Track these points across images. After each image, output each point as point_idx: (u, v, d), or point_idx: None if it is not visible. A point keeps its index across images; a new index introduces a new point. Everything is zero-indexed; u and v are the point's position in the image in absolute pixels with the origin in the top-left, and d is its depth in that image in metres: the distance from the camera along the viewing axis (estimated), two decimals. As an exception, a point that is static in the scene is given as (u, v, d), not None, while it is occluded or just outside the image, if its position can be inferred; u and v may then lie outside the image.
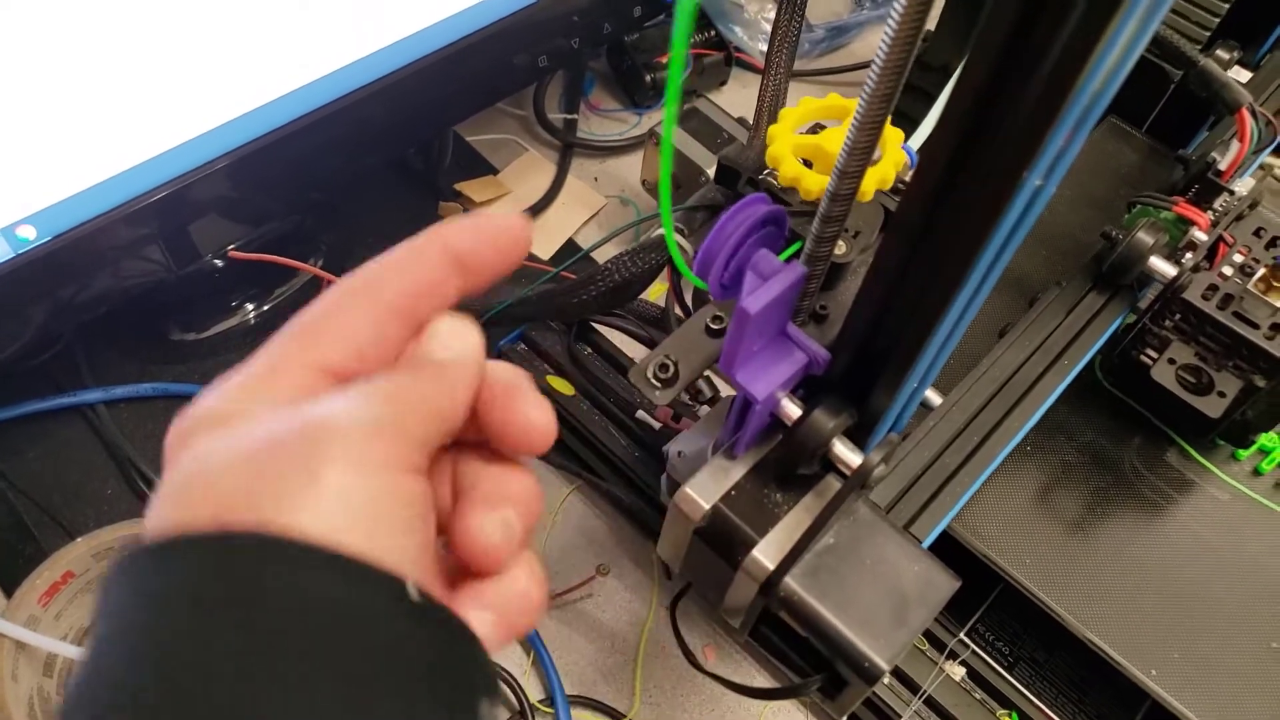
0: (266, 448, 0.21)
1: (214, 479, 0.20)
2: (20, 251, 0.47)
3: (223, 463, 0.21)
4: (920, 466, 0.40)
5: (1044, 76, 0.23)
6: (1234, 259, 0.48)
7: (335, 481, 0.20)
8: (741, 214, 0.32)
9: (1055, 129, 0.24)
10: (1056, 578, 0.48)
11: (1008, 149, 0.25)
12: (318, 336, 0.23)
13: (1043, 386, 0.43)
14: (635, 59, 0.77)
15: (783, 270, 0.32)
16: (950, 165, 0.27)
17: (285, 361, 0.23)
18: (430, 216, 0.70)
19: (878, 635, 0.34)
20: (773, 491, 0.37)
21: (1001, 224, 0.28)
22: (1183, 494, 0.52)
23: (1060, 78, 0.23)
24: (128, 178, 0.49)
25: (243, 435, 0.21)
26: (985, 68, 0.24)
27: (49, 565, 0.47)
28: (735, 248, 0.32)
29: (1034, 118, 0.24)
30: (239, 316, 0.64)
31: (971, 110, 0.25)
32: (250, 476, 0.20)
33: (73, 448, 0.58)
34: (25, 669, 0.46)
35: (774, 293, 0.32)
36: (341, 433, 0.21)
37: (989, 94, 0.25)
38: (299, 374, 0.22)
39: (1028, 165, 0.25)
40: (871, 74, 0.28)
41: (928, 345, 0.32)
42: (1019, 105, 0.24)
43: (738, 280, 0.33)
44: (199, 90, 0.49)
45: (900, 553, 0.36)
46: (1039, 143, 0.24)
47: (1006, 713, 0.50)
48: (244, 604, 0.19)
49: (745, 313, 0.31)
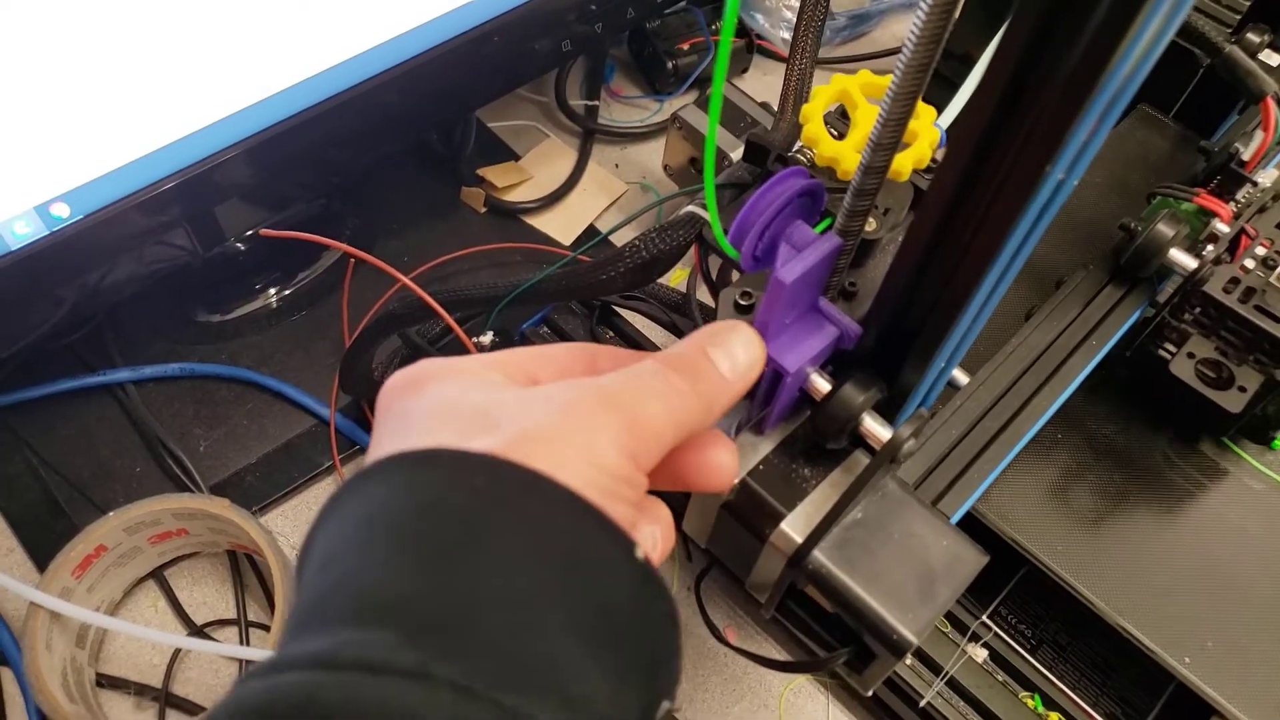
0: (548, 398, 0.24)
1: (490, 413, 0.23)
2: (54, 229, 0.48)
3: (491, 402, 0.24)
4: (948, 445, 0.40)
5: (1069, 72, 0.23)
6: (1257, 252, 0.48)
7: (603, 446, 0.23)
8: (781, 185, 0.32)
9: (1078, 125, 0.25)
10: (1086, 564, 0.48)
11: (1031, 144, 0.25)
12: (535, 356, 0.27)
13: (1069, 368, 0.43)
14: (657, 45, 0.78)
15: (818, 241, 0.33)
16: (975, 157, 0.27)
17: (505, 357, 0.27)
18: (452, 201, 0.71)
19: (906, 608, 0.34)
20: (801, 466, 0.37)
21: (1024, 216, 0.28)
22: (1215, 483, 0.51)
23: (1085, 73, 0.23)
24: (156, 158, 0.49)
25: (512, 388, 0.25)
26: (1011, 62, 0.24)
27: (82, 539, 0.48)
28: (772, 218, 0.32)
29: (1057, 114, 0.24)
30: (262, 300, 0.64)
31: (997, 105, 0.26)
32: (526, 418, 0.23)
33: (102, 426, 0.59)
34: (59, 639, 0.47)
35: (809, 262, 0.32)
36: (620, 408, 0.24)
37: (1014, 89, 0.25)
38: (511, 369, 0.26)
39: (1050, 160, 0.25)
40: (908, 43, 0.28)
41: (956, 325, 0.32)
42: (1043, 101, 0.24)
43: (771, 252, 0.34)
44: (225, 74, 0.49)
45: (928, 528, 0.36)
46: (1061, 138, 0.25)
47: (1029, 695, 0.50)
48: (507, 522, 0.21)
49: (780, 283, 0.32)
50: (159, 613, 0.54)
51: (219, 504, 0.49)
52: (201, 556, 0.55)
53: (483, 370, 0.26)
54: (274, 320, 0.64)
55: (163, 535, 0.51)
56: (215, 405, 0.60)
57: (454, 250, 0.67)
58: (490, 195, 0.71)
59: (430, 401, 0.24)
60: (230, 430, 0.59)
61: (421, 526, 0.21)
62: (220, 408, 0.60)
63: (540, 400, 0.24)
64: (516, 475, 0.22)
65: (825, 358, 0.36)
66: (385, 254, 0.66)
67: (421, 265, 0.65)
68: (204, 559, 0.55)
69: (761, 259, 0.34)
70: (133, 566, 0.52)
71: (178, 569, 0.55)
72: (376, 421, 0.26)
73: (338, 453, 0.58)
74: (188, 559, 0.55)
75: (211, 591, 0.54)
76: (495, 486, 0.21)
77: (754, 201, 0.32)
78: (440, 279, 0.66)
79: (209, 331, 0.63)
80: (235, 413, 0.60)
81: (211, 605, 0.54)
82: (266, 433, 0.59)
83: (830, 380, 0.35)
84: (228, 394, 0.60)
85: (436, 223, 0.69)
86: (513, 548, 0.21)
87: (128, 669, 0.51)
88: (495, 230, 0.69)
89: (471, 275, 0.67)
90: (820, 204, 0.34)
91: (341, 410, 0.59)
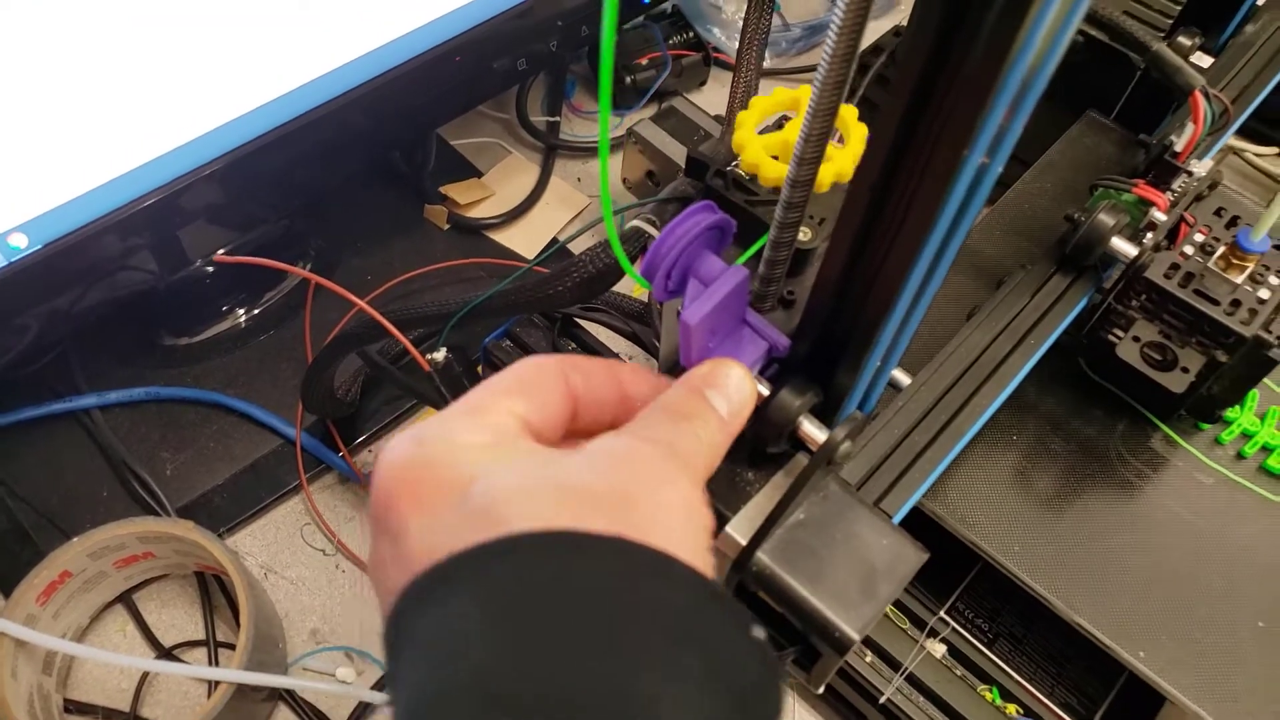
0: (627, 463, 0.24)
1: (580, 487, 0.23)
2: (12, 260, 0.48)
3: (546, 480, 0.23)
4: (890, 445, 0.41)
5: (977, 56, 0.24)
6: (1195, 238, 0.49)
7: (696, 507, 0.24)
8: (685, 224, 0.33)
9: (991, 107, 0.26)
10: (1042, 560, 0.49)
11: (948, 129, 0.26)
12: (519, 394, 0.26)
13: (1009, 365, 0.45)
14: (615, 61, 0.79)
15: (724, 275, 0.33)
16: (894, 148, 0.28)
17: (490, 405, 0.26)
18: (415, 218, 0.71)
19: (848, 606, 0.35)
20: (745, 471, 0.38)
21: (948, 202, 0.29)
22: (1167, 479, 0.53)
23: (991, 56, 0.24)
24: (116, 185, 0.50)
25: (547, 459, 0.24)
26: (922, 51, 0.26)
27: (46, 565, 0.48)
28: (676, 258, 0.33)
29: (970, 97, 0.25)
30: (229, 321, 0.65)
31: (911, 93, 0.27)
32: (622, 489, 0.23)
33: (69, 452, 0.59)
34: (24, 666, 0.47)
35: (713, 302, 0.33)
36: (687, 465, 0.25)
37: (926, 77, 0.26)
38: (501, 416, 0.25)
39: (967, 144, 0.26)
40: (822, 61, 0.30)
41: (885, 325, 0.33)
42: (955, 86, 0.25)
43: (682, 284, 0.34)
44: (185, 99, 0.50)
45: (869, 528, 0.37)
46: (975, 121, 0.26)
47: (987, 688, 0.51)
48: (647, 611, 0.20)
49: (686, 325, 0.33)
50: (127, 637, 0.54)
51: (183, 526, 0.50)
52: (170, 579, 0.56)
53: (512, 440, 0.25)
54: (240, 342, 0.64)
55: (129, 559, 0.52)
56: (182, 428, 0.60)
57: (418, 267, 0.67)
58: (453, 212, 0.71)
59: (494, 484, 0.23)
60: (197, 452, 0.60)
61: (556, 616, 0.20)
62: (187, 430, 0.60)
63: (621, 466, 0.24)
64: (646, 558, 0.21)
65: (759, 367, 0.37)
66: (349, 272, 0.67)
67: (385, 283, 0.66)
68: (173, 581, 0.56)
69: (675, 290, 0.35)
70: (99, 591, 0.53)
71: (146, 592, 0.55)
72: (398, 512, 0.23)
73: (304, 471, 0.59)
74: (157, 581, 0.56)
75: (180, 613, 0.55)
76: (629, 571, 0.21)
77: (658, 243, 0.33)
78: (403, 296, 0.66)
79: (175, 355, 0.63)
80: (202, 435, 0.60)
81: (181, 627, 0.55)
82: (233, 454, 0.60)
83: (769, 386, 0.36)
84: (194, 416, 0.61)
85: (400, 240, 0.70)
86: (655, 639, 0.20)
87: (95, 694, 0.52)
88: (459, 246, 0.70)
89: (435, 292, 0.68)
90: (729, 234, 0.35)
91: (307, 430, 0.60)
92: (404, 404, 0.62)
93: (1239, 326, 0.46)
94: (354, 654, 0.54)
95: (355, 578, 0.57)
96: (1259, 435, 0.54)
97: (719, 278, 0.33)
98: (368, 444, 0.61)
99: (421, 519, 0.23)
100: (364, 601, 0.56)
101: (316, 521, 0.58)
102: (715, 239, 0.35)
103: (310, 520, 0.59)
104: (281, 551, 0.57)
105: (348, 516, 0.59)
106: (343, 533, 0.58)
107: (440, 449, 0.24)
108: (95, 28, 0.45)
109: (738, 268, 0.33)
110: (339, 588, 0.56)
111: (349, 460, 0.59)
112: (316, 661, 0.54)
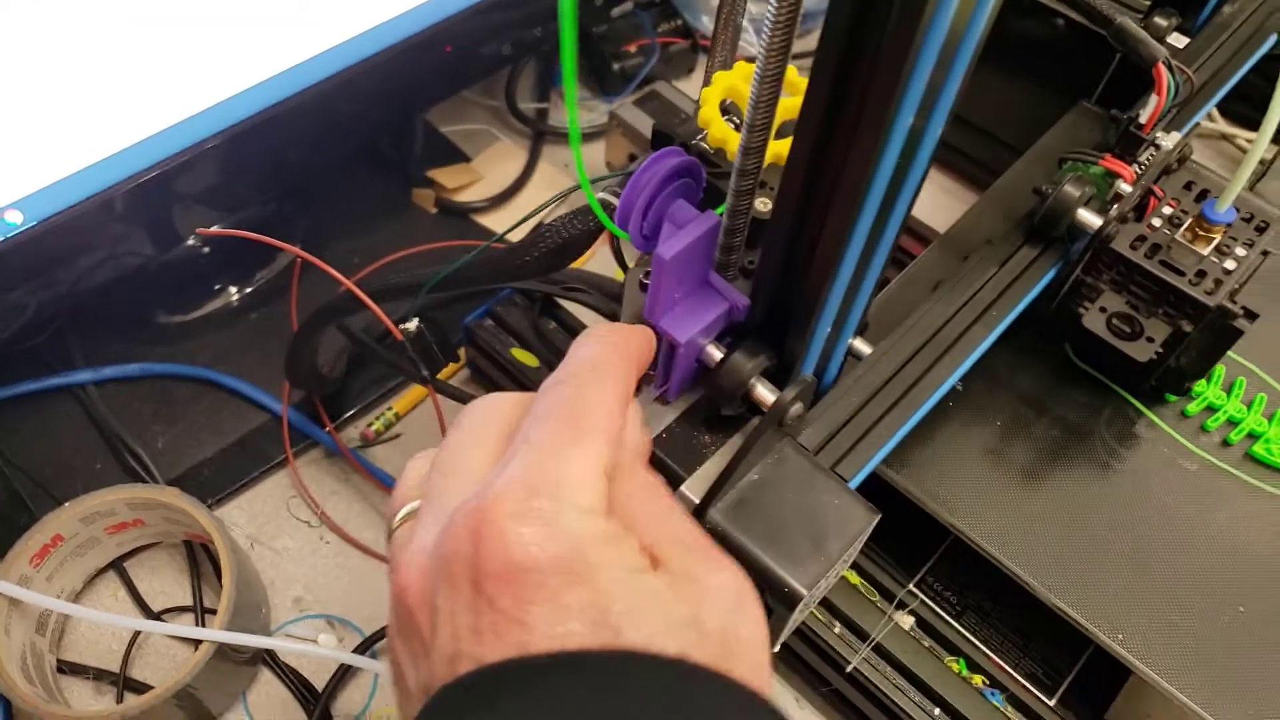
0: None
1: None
2: (8, 235, 0.50)
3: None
4: (849, 413, 0.42)
5: (894, 12, 0.25)
6: (1164, 211, 0.50)
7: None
8: (654, 166, 0.34)
9: (915, 65, 0.27)
10: (1015, 539, 0.49)
11: (873, 87, 0.27)
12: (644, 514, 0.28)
13: (971, 336, 0.45)
14: (604, 48, 0.80)
15: (697, 218, 0.35)
16: (827, 110, 0.29)
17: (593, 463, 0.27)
18: (403, 202, 0.73)
19: (797, 563, 0.36)
20: (702, 434, 0.39)
21: (880, 165, 0.30)
22: (1151, 465, 0.53)
23: (907, 12, 0.25)
24: (110, 164, 0.51)
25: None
26: (847, 9, 0.27)
27: (39, 528, 0.50)
28: (651, 198, 0.34)
29: (892, 55, 0.26)
30: (222, 299, 0.67)
31: (838, 54, 0.28)
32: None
33: (64, 425, 0.61)
34: (18, 625, 0.49)
35: (688, 239, 0.34)
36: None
37: (851, 38, 0.27)
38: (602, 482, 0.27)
39: (893, 103, 0.27)
40: (764, 29, 0.31)
41: (830, 289, 0.34)
42: (878, 44, 0.26)
43: (658, 231, 0.36)
44: (179, 78, 0.52)
45: (821, 489, 0.38)
46: (899, 79, 0.27)
47: (954, 659, 0.52)
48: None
49: (661, 259, 0.34)
50: (119, 601, 0.56)
51: (169, 493, 0.51)
52: (160, 547, 0.57)
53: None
54: (231, 320, 0.66)
55: (119, 525, 0.53)
56: (173, 404, 0.62)
57: (404, 248, 0.69)
58: (441, 196, 0.73)
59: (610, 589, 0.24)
60: (188, 427, 0.61)
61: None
62: (178, 406, 0.62)
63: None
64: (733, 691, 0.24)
65: (718, 329, 0.38)
66: (337, 254, 0.69)
67: (372, 264, 0.67)
68: (162, 550, 0.57)
69: (650, 238, 0.36)
70: (92, 557, 0.54)
71: (137, 560, 0.57)
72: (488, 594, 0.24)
73: (290, 446, 0.60)
74: (147, 550, 0.57)
75: (170, 581, 0.57)
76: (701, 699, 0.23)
77: (633, 181, 0.34)
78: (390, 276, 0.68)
79: (169, 332, 0.65)
80: (192, 410, 0.62)
81: (170, 594, 0.56)
82: (222, 428, 0.61)
83: (724, 350, 0.38)
84: (185, 392, 0.62)
85: (388, 223, 0.71)
86: None
87: (87, 655, 0.53)
88: (446, 229, 0.72)
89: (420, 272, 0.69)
90: (700, 182, 0.36)
91: (294, 406, 0.62)
92: (389, 381, 0.64)
93: (1203, 296, 0.47)
94: (335, 621, 0.55)
95: (339, 549, 0.58)
96: (1245, 422, 0.54)
97: (693, 220, 0.34)
98: (353, 420, 0.63)
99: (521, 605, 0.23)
100: (346, 571, 0.57)
101: (302, 494, 0.60)
102: (688, 189, 0.36)
103: (296, 493, 0.60)
104: (268, 523, 0.59)
105: (332, 490, 0.60)
106: (327, 505, 0.59)
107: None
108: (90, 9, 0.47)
109: (710, 213, 0.35)
110: (323, 558, 0.58)
111: (334, 435, 0.61)
112: (299, 629, 0.55)
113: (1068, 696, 0.51)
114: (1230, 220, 0.48)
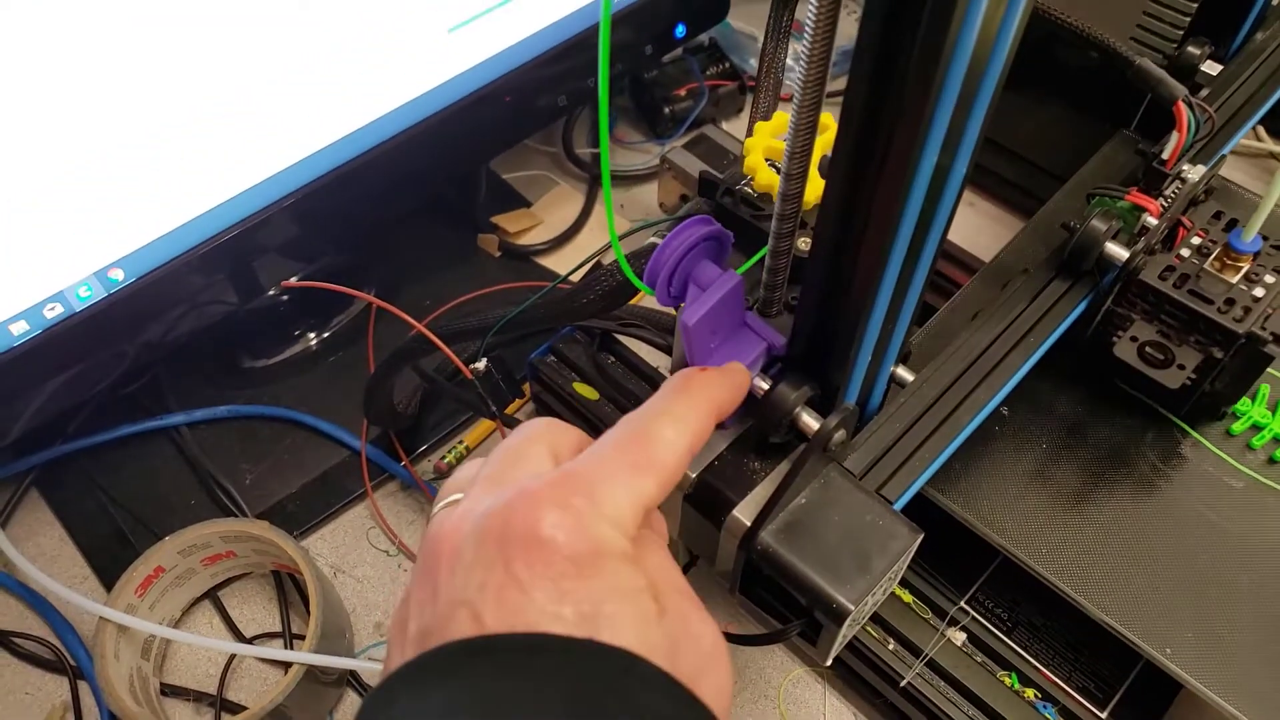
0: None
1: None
2: (112, 291, 0.54)
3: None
4: (892, 438, 0.44)
5: (914, 57, 0.28)
6: (1192, 241, 0.51)
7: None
8: (680, 236, 0.37)
9: (937, 107, 0.29)
10: (1064, 559, 0.50)
11: (898, 130, 0.30)
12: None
13: (1009, 363, 0.47)
14: (655, 93, 0.84)
15: (718, 281, 0.37)
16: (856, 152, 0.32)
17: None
18: (469, 247, 0.77)
19: (844, 580, 0.39)
20: (752, 460, 0.42)
21: (909, 202, 0.32)
22: (1197, 484, 0.54)
23: (927, 55, 0.28)
24: (200, 223, 0.56)
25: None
26: (870, 57, 0.29)
27: (142, 561, 0.54)
28: (675, 265, 0.37)
29: (915, 94, 0.29)
30: (302, 344, 0.71)
31: (864, 100, 0.30)
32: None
33: (161, 464, 0.65)
34: (125, 650, 0.53)
35: (709, 304, 0.37)
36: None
37: (873, 85, 0.30)
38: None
39: (915, 143, 0.30)
40: (796, 86, 0.34)
41: (867, 322, 0.37)
42: (901, 89, 0.29)
43: (684, 291, 0.38)
44: (262, 140, 0.56)
45: (866, 510, 0.41)
46: (921, 118, 0.29)
47: (1006, 674, 0.54)
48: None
49: (685, 326, 0.37)
50: (214, 628, 0.60)
51: (259, 526, 0.55)
52: (251, 577, 0.61)
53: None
54: (311, 364, 0.70)
55: (214, 557, 0.58)
56: (259, 442, 0.66)
57: (471, 291, 0.73)
58: (504, 240, 0.77)
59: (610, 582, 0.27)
60: (273, 464, 0.65)
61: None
62: (263, 444, 0.66)
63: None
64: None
65: (761, 364, 0.41)
66: (409, 298, 0.73)
67: (441, 307, 0.71)
68: (253, 579, 0.61)
69: (677, 295, 0.38)
70: (189, 587, 0.58)
71: (230, 590, 0.61)
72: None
73: (369, 480, 0.64)
74: (239, 580, 0.61)
75: (260, 609, 0.60)
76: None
77: (658, 252, 0.37)
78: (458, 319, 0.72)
79: (253, 376, 0.70)
80: (276, 448, 0.66)
81: (260, 621, 0.60)
82: (305, 464, 0.65)
83: (769, 381, 0.40)
84: (270, 432, 0.67)
85: (455, 267, 0.75)
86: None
87: (187, 679, 0.58)
88: (509, 271, 0.76)
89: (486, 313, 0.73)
90: (727, 246, 0.39)
91: (372, 442, 0.65)
92: (460, 416, 0.67)
93: (1232, 324, 0.48)
94: (414, 644, 0.59)
95: (415, 575, 0.62)
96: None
97: (715, 282, 0.37)
98: (427, 454, 0.66)
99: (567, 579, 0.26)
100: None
101: (381, 525, 0.64)
102: (714, 250, 0.39)
103: (375, 524, 0.64)
104: (349, 553, 0.63)
105: (409, 520, 0.64)
106: (404, 535, 0.63)
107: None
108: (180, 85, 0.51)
109: (731, 273, 0.37)
110: (401, 585, 0.61)
111: (410, 469, 0.65)
112: (380, 652, 0.58)
113: (1119, 709, 0.52)
114: (1257, 249, 0.50)
